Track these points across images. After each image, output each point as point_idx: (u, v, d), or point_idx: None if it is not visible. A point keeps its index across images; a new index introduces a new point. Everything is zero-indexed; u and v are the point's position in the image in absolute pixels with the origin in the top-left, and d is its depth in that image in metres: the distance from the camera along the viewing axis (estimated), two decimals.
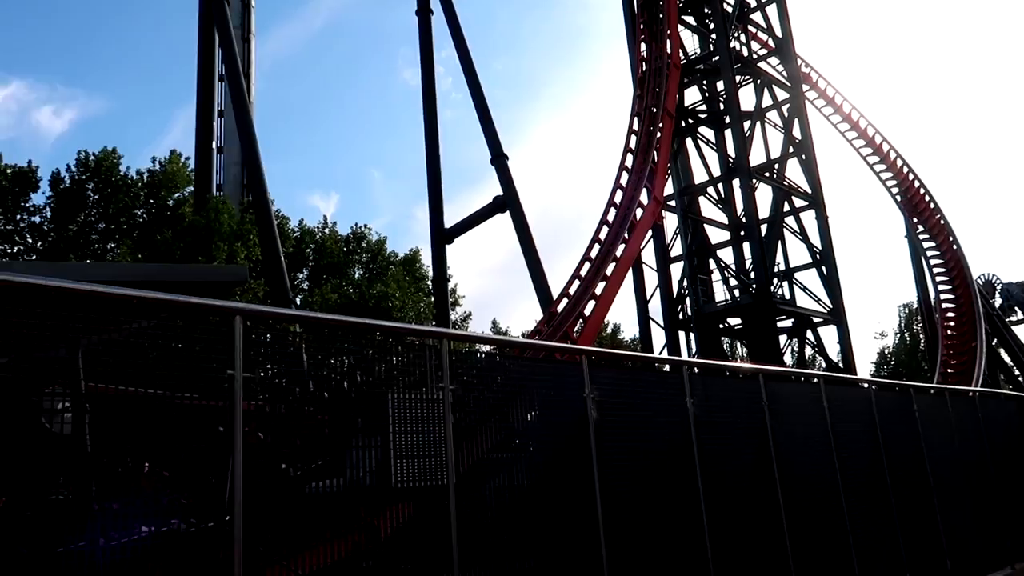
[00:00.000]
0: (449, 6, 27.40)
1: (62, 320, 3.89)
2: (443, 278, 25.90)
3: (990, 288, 40.58)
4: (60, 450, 4.00)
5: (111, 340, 4.18)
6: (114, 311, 4.14)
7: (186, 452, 4.29)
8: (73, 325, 3.95)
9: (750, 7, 31.24)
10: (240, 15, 35.40)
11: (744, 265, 28.56)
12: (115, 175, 28.17)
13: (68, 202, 27.62)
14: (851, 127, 39.18)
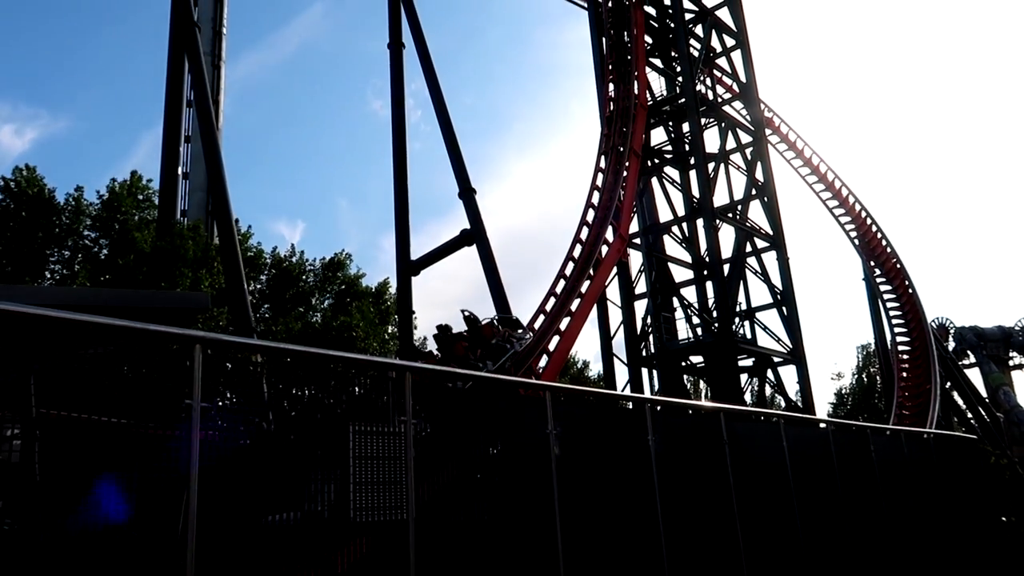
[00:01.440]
0: (421, 41, 27.65)
1: (14, 344, 3.80)
2: (408, 309, 25.76)
3: (944, 331, 41.56)
4: (5, 478, 3.89)
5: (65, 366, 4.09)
6: (70, 337, 4.06)
7: (139, 482, 4.19)
8: (26, 350, 3.87)
9: (716, 52, 32.08)
10: (211, 41, 35.38)
11: (707, 304, 28.96)
12: (44, 193, 27.26)
13: (3, 227, 26.66)
14: (811, 171, 40.22)
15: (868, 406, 48.76)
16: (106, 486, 4.13)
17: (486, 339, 18.04)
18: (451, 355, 17.17)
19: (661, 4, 31.56)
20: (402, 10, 27.99)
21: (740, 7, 31.94)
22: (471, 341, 17.85)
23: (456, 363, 16.50)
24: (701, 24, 31.64)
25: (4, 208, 27.01)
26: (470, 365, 16.69)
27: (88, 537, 3.94)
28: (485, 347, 17.78)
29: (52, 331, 3.96)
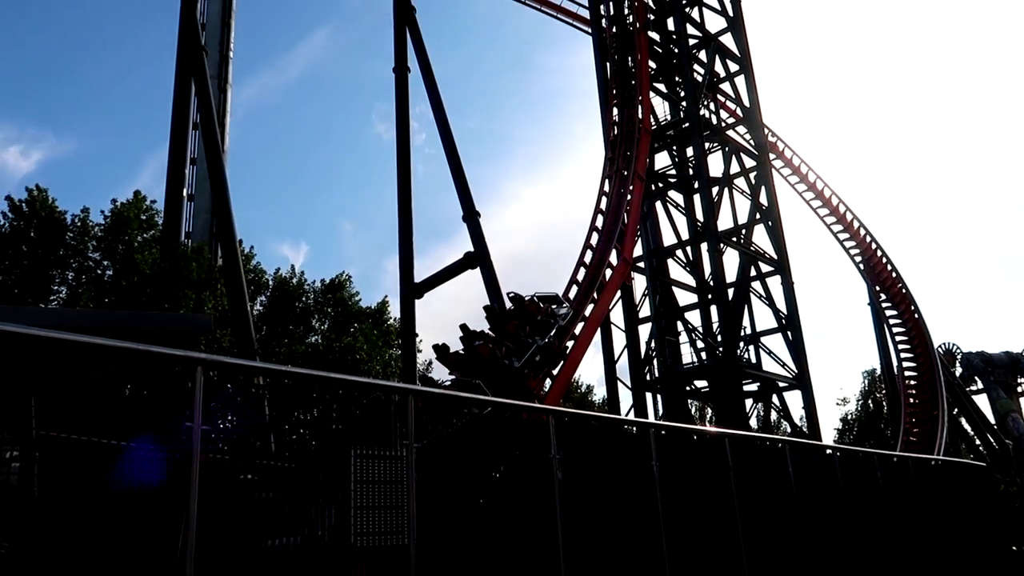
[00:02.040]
0: (426, 65, 27.86)
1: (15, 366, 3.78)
2: (411, 332, 25.69)
3: (950, 357, 41.32)
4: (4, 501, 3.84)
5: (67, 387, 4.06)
6: (72, 358, 4.03)
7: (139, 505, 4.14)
8: (27, 371, 3.84)
9: (719, 77, 32.25)
10: (218, 64, 35.71)
11: (711, 328, 28.84)
12: (55, 214, 27.44)
13: (9, 247, 26.80)
14: (816, 196, 40.25)
15: (875, 432, 48.37)
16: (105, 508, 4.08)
17: (532, 316, 19.17)
18: (503, 333, 18.50)
19: (665, 30, 31.80)
20: (407, 35, 28.25)
21: (743, 33, 32.17)
22: (520, 319, 18.97)
23: (509, 340, 18.25)
24: (705, 49, 31.84)
25: (14, 228, 27.14)
26: (522, 342, 18.27)
27: (86, 559, 3.89)
28: (532, 323, 19.01)
29: (54, 352, 3.94)
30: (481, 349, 17.67)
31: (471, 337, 18.48)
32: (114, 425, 4.17)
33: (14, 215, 27.23)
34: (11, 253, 26.67)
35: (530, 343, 18.26)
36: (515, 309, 19.42)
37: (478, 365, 17.33)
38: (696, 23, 31.74)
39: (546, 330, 19.09)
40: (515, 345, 18.22)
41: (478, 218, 25.08)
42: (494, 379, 16.88)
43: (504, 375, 17.31)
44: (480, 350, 17.64)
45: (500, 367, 17.49)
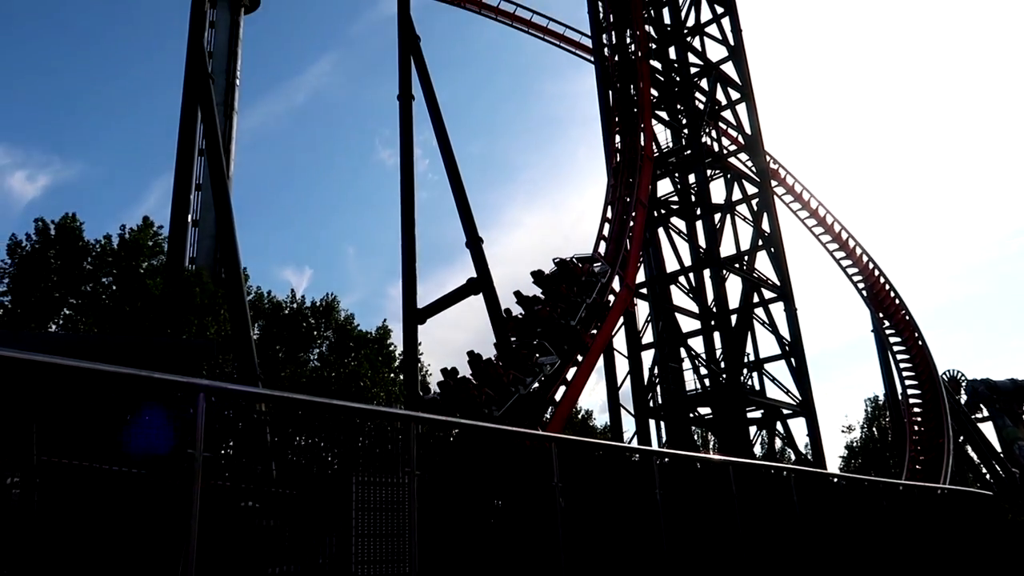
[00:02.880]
0: (430, 93, 28.08)
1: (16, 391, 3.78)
2: (414, 359, 25.60)
3: (955, 385, 41.08)
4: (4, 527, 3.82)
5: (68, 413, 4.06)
6: (73, 384, 4.03)
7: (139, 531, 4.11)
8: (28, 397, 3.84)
9: (721, 105, 32.47)
10: (224, 91, 36.09)
11: (714, 355, 28.75)
12: (79, 241, 27.79)
13: (28, 270, 27.09)
14: (818, 222, 40.31)
15: (880, 460, 48.01)
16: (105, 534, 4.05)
17: (578, 276, 21.70)
18: (556, 295, 20.88)
19: (667, 58, 32.08)
20: (412, 64, 28.55)
21: (744, 61, 32.44)
22: (567, 281, 21.40)
23: (561, 301, 20.67)
24: (706, 78, 32.10)
25: (35, 250, 27.39)
26: (572, 302, 20.78)
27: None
28: (579, 284, 21.50)
29: (55, 378, 3.94)
30: (542, 312, 20.26)
31: (529, 302, 20.91)
32: (116, 451, 4.16)
33: (39, 238, 27.52)
34: (29, 275, 26.90)
35: (579, 302, 20.83)
36: (561, 272, 21.75)
37: (539, 324, 20.13)
38: (697, 52, 32.04)
39: (591, 288, 21.56)
40: (567, 305, 20.64)
41: (481, 244, 25.12)
42: (554, 337, 19.86)
43: (563, 333, 20.16)
44: (541, 312, 20.23)
45: (559, 326, 20.17)
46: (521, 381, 18.31)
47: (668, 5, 32.24)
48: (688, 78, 31.11)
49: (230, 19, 38.43)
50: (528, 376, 18.59)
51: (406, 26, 29.44)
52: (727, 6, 32.93)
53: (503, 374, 18.34)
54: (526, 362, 18.87)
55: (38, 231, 27.73)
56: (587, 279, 21.76)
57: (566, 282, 21.39)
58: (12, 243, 27.31)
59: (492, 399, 17.84)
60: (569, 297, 20.93)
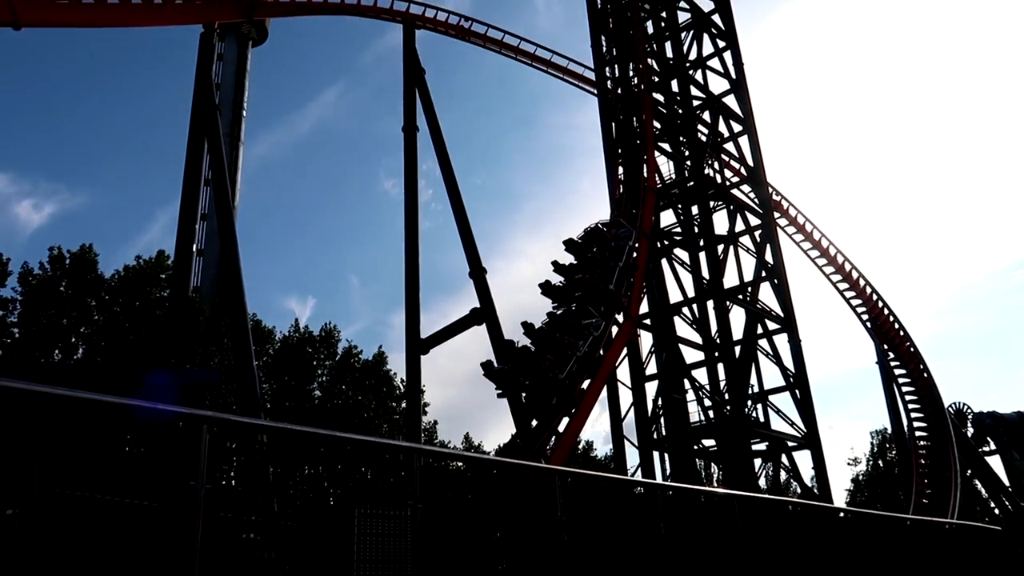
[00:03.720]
0: (435, 125, 28.40)
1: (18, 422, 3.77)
2: (416, 389, 25.55)
3: (961, 417, 40.74)
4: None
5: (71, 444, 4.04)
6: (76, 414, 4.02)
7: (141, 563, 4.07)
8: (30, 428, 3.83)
9: (723, 137, 32.67)
10: (231, 122, 36.43)
11: (718, 386, 28.59)
12: (91, 272, 27.93)
13: (39, 298, 27.19)
14: (821, 254, 40.34)
15: (886, 493, 47.48)
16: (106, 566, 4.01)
17: (608, 241, 23.70)
18: (591, 262, 22.81)
19: (669, 91, 32.35)
20: (417, 95, 28.88)
21: (746, 94, 32.71)
22: (598, 246, 23.41)
23: (597, 267, 22.75)
24: (708, 110, 32.34)
25: (48, 279, 27.48)
26: (607, 267, 22.91)
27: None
28: (609, 249, 23.43)
29: (57, 408, 3.93)
30: (585, 278, 22.28)
31: (571, 270, 22.85)
32: (118, 482, 4.14)
33: (53, 266, 27.64)
34: (39, 304, 26.97)
35: (612, 267, 23.03)
36: (591, 239, 23.77)
37: (579, 290, 22.22)
38: (700, 85, 32.31)
39: (620, 253, 23.63)
40: (602, 272, 22.76)
41: (484, 275, 25.21)
42: (595, 300, 22.06)
43: (602, 296, 22.35)
44: (584, 279, 22.27)
45: (598, 290, 22.28)
46: (574, 344, 20.73)
47: (670, 39, 32.61)
48: (690, 110, 31.34)
49: (238, 52, 38.94)
50: (580, 339, 21.00)
51: (411, 59, 29.87)
52: (728, 40, 33.29)
53: (559, 339, 20.54)
54: (575, 326, 21.16)
55: (52, 260, 27.87)
56: (616, 243, 23.79)
57: (598, 246, 23.43)
58: (24, 271, 27.45)
59: (554, 363, 20.19)
60: (604, 263, 23.02)
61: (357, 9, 30.90)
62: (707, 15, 33.46)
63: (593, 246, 23.48)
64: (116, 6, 23.10)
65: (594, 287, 22.21)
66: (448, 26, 32.84)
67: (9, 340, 26.80)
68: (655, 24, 33.36)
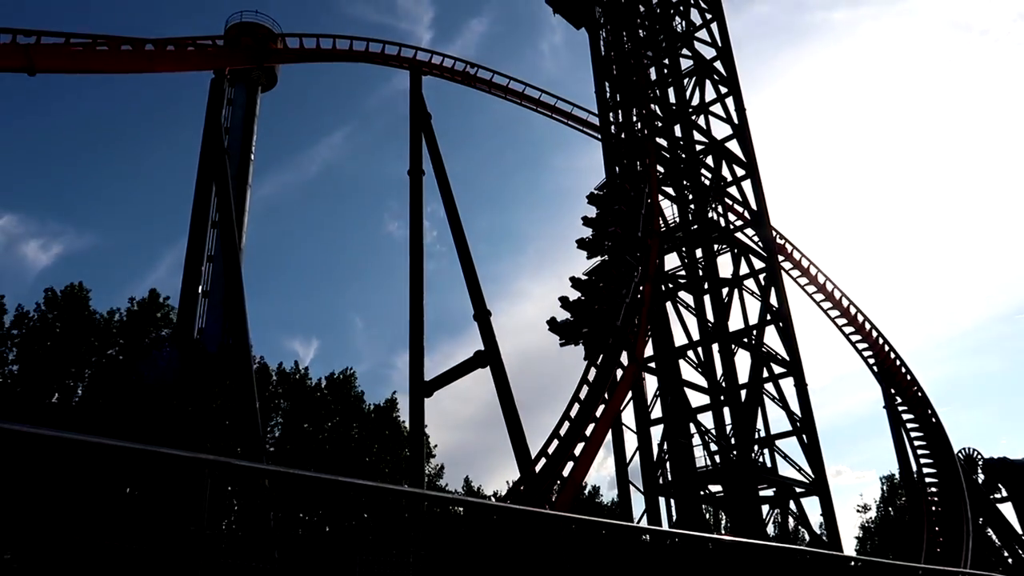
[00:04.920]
0: (440, 168, 28.68)
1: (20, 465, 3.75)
2: (420, 433, 25.34)
3: (972, 463, 40.20)
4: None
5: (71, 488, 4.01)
6: (76, 458, 3.99)
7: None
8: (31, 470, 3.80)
9: (726, 181, 32.87)
10: (239, 165, 36.79)
11: (724, 430, 28.30)
12: (85, 310, 27.99)
13: (34, 340, 27.22)
14: (826, 297, 40.28)
15: (897, 541, 46.66)
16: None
17: (627, 192, 26.98)
18: (616, 213, 26.23)
19: (672, 136, 32.67)
20: (423, 139, 29.23)
21: (749, 139, 33.02)
22: (620, 200, 26.82)
23: (621, 219, 26.02)
24: (711, 155, 32.61)
25: (44, 321, 27.55)
26: (632, 216, 25.95)
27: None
28: (627, 200, 26.49)
29: (57, 452, 3.90)
30: (616, 230, 25.46)
31: (602, 222, 26.22)
32: (118, 526, 4.09)
33: (48, 308, 27.74)
34: (36, 345, 27.00)
35: (636, 216, 25.99)
36: (613, 193, 27.07)
37: (610, 240, 25.54)
38: (703, 130, 32.64)
39: (640, 198, 26.66)
40: (629, 223, 25.77)
41: (489, 317, 25.21)
42: (626, 248, 25.37)
43: (632, 243, 25.46)
44: (616, 231, 25.44)
45: (628, 239, 25.43)
46: (618, 291, 23.73)
47: (673, 85, 33.03)
48: (693, 155, 31.60)
49: (247, 97, 39.53)
50: (623, 287, 23.95)
51: (418, 104, 30.31)
52: (730, 86, 33.73)
53: (604, 286, 23.64)
54: (617, 276, 24.06)
55: (47, 301, 27.99)
56: (635, 195, 26.73)
57: (620, 203, 26.27)
58: (19, 313, 27.54)
59: (607, 311, 23.25)
60: (628, 214, 26.03)
61: (366, 56, 31.46)
62: (709, 62, 33.97)
63: (615, 200, 26.82)
64: (130, 52, 23.57)
65: (625, 237, 25.38)
66: (454, 72, 33.37)
67: (8, 380, 26.77)
68: (658, 70, 33.84)
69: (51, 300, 27.98)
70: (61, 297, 28.07)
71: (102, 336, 28.44)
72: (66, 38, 22.26)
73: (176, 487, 3.75)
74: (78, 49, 22.18)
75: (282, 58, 33.26)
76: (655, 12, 34.79)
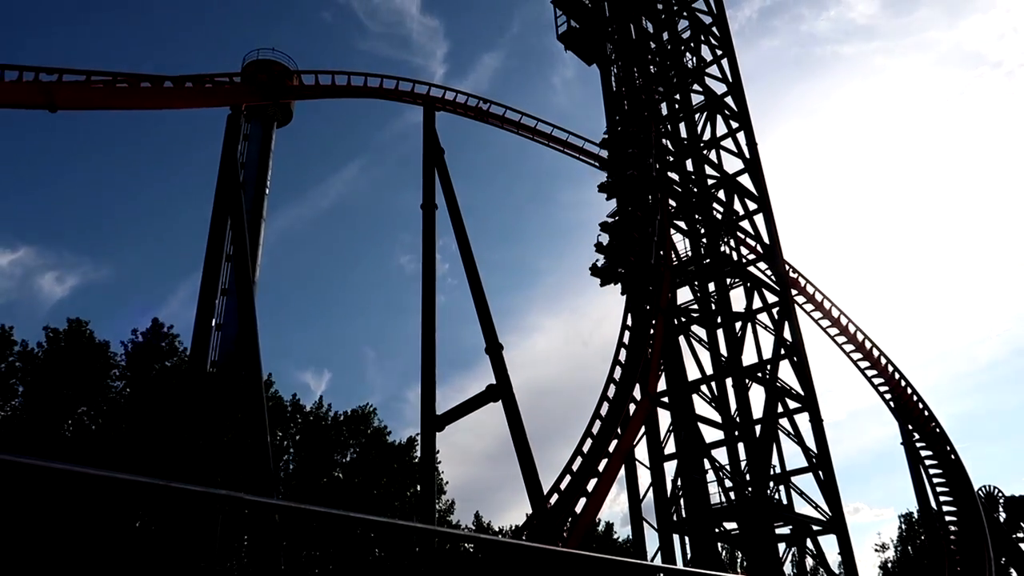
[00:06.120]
0: (453, 203, 28.86)
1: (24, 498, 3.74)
2: (432, 468, 25.15)
3: (993, 501, 39.44)
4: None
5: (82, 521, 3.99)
6: (84, 492, 3.97)
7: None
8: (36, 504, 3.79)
9: (738, 215, 32.88)
10: (253, 199, 37.13)
11: (739, 466, 27.94)
12: (88, 346, 28.12)
13: (41, 376, 27.31)
14: (840, 331, 39.96)
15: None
16: None
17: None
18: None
19: (684, 170, 32.80)
20: (436, 174, 29.47)
21: (760, 173, 33.09)
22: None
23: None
24: (723, 189, 32.67)
25: (48, 355, 27.68)
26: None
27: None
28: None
29: (66, 485, 3.88)
30: (633, 173, 28.76)
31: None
32: (129, 562, 4.06)
33: (51, 345, 27.89)
34: (42, 381, 27.10)
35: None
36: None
37: (631, 182, 29.02)
38: (714, 164, 32.75)
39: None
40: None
41: (501, 351, 25.15)
42: (646, 188, 28.49)
43: (651, 183, 28.82)
44: (633, 174, 28.82)
45: (645, 179, 28.86)
46: (647, 233, 27.00)
47: (684, 120, 33.25)
48: (705, 189, 31.67)
49: (263, 132, 40.06)
50: (648, 226, 27.01)
51: (431, 139, 30.61)
52: (742, 121, 33.91)
53: (634, 235, 26.62)
54: (642, 218, 26.94)
55: (49, 339, 28.16)
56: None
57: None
58: (23, 351, 27.76)
59: (640, 253, 26.52)
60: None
61: (380, 92, 31.88)
62: (720, 97, 34.20)
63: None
64: (149, 90, 24.00)
65: (641, 179, 28.02)
66: (467, 108, 33.73)
67: (10, 412, 26.85)
68: (669, 106, 34.09)
69: (54, 339, 28.13)
70: (64, 334, 28.23)
71: (109, 368, 28.55)
72: (87, 76, 22.72)
73: (188, 522, 3.72)
74: (99, 86, 22.61)
75: (297, 94, 33.78)
76: (666, 48, 35.15)
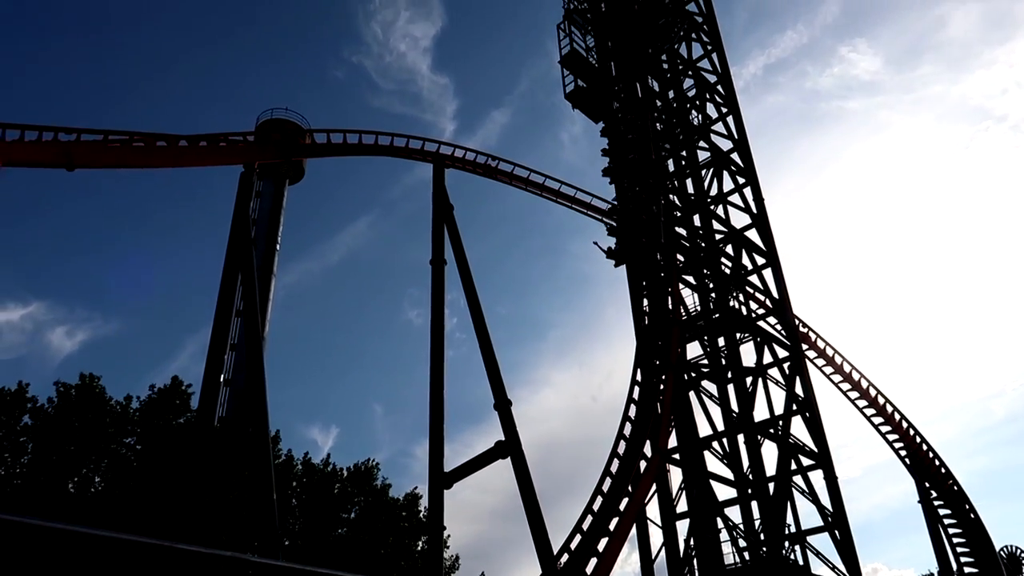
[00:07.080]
0: (462, 258, 29.08)
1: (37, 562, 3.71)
2: (439, 527, 24.74)
3: (1015, 562, 38.38)
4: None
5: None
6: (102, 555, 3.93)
7: None
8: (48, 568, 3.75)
9: (747, 269, 32.88)
10: (264, 255, 37.49)
11: (753, 525, 27.35)
12: (98, 401, 28.03)
13: (50, 433, 27.19)
14: (852, 387, 39.55)
15: None
16: None
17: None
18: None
19: (692, 225, 32.99)
20: (445, 230, 29.75)
21: (768, 228, 33.21)
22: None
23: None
24: (731, 244, 32.77)
25: (58, 411, 27.63)
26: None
27: None
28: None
29: (70, 545, 3.86)
30: (635, 157, 30.93)
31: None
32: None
33: (61, 400, 27.84)
34: (52, 438, 26.98)
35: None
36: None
37: (633, 165, 31.44)
38: (721, 219, 32.93)
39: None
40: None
41: (509, 406, 25.01)
42: (647, 172, 30.67)
43: (650, 167, 30.84)
44: (635, 158, 30.98)
45: (646, 162, 30.46)
46: (654, 214, 29.09)
47: (691, 176, 33.57)
48: (713, 244, 31.78)
49: (274, 189, 40.66)
50: (654, 205, 29.05)
51: (440, 196, 31.00)
52: (748, 177, 34.20)
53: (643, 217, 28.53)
54: (647, 199, 28.82)
55: (59, 394, 28.14)
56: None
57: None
58: (33, 407, 27.71)
59: (650, 234, 28.58)
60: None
61: (390, 150, 32.42)
62: (726, 153, 34.58)
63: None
64: (165, 149, 24.48)
65: (642, 163, 29.54)
66: (476, 165, 34.21)
67: (22, 469, 26.66)
68: (675, 162, 34.47)
69: (64, 394, 28.09)
70: (75, 389, 28.19)
71: (118, 424, 28.44)
72: (104, 135, 23.23)
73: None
74: (116, 146, 23.10)
75: (309, 152, 34.39)
76: (672, 107, 35.71)
